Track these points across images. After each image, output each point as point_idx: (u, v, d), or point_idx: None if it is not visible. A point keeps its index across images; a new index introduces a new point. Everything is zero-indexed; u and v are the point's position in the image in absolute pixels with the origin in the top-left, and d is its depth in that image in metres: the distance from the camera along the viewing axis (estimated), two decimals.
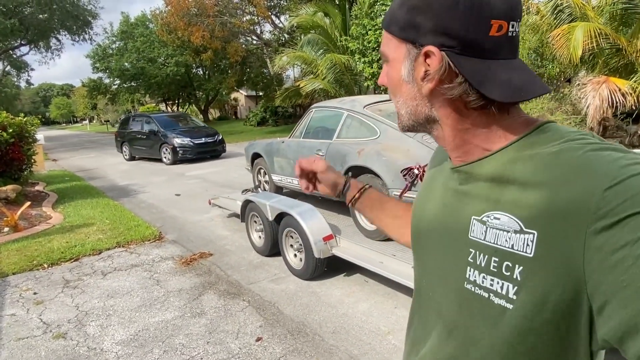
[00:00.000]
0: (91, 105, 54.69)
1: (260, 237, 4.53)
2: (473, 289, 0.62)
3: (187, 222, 6.11)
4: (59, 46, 30.91)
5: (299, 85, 14.80)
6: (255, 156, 5.57)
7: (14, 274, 4.35)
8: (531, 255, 0.54)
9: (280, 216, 4.01)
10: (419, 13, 0.60)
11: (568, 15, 8.72)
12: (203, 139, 13.19)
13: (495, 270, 0.58)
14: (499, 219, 0.58)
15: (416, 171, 3.09)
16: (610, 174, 0.49)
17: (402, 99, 0.67)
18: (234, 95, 37.03)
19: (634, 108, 8.49)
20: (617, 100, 7.59)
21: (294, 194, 5.09)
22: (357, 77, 14.13)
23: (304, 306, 3.37)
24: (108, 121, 46.67)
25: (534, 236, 0.54)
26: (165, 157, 13.01)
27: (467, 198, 0.66)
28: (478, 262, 0.61)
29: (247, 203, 4.58)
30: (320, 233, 3.63)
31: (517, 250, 0.55)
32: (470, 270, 0.62)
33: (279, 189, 5.31)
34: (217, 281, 3.96)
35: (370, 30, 12.73)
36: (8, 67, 33.29)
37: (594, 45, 7.63)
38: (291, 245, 3.99)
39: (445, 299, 0.68)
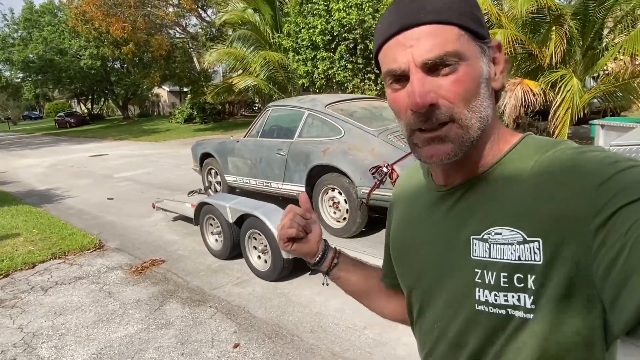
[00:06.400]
0: None
1: (217, 240, 4.39)
2: (486, 309, 0.59)
3: (128, 227, 5.73)
4: None
5: (230, 81, 14.43)
6: (205, 156, 5.36)
7: None
8: (541, 262, 0.54)
9: (242, 218, 3.93)
10: (477, 8, 0.60)
11: (487, 22, 9.49)
12: None
13: (507, 285, 0.57)
14: (500, 233, 0.58)
15: (385, 169, 3.19)
16: (600, 172, 0.52)
17: (479, 102, 0.59)
18: (155, 90, 35.07)
19: (542, 108, 9.52)
20: (529, 100, 8.45)
21: (250, 194, 5.00)
22: (290, 75, 14.13)
23: (275, 308, 3.35)
24: (9, 119, 41.82)
25: (539, 243, 0.54)
26: None
27: (462, 219, 0.64)
28: (487, 281, 0.59)
29: (202, 205, 4.41)
30: None
31: (525, 260, 0.55)
32: (479, 292, 0.60)
33: (232, 190, 5.18)
34: (176, 289, 3.78)
35: (303, 28, 12.79)
36: None
37: (511, 50, 8.42)
38: (255, 247, 3.92)
39: (454, 322, 0.65)
